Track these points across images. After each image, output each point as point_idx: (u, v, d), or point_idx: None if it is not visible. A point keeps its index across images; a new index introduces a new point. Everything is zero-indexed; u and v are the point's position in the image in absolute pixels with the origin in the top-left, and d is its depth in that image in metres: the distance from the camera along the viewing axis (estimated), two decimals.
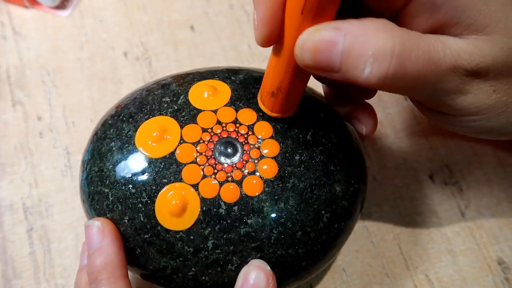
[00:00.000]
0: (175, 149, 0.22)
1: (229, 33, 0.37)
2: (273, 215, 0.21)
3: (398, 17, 0.20)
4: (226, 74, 0.25)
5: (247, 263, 0.21)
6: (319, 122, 0.24)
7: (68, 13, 0.37)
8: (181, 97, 0.24)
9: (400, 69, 0.17)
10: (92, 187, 0.23)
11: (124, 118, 0.24)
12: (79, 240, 0.30)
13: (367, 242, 0.31)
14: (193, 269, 0.21)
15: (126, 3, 0.37)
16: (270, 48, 0.20)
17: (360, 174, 0.24)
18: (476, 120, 0.20)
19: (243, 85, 0.24)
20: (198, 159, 0.22)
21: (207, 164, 0.22)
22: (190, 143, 0.22)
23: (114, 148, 0.23)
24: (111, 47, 0.36)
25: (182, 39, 0.36)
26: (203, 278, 0.22)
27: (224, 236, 0.21)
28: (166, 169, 0.22)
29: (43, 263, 0.30)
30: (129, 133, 0.23)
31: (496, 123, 0.20)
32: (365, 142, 0.33)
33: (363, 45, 0.16)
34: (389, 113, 0.34)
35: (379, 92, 0.34)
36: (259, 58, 0.35)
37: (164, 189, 0.21)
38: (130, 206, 0.22)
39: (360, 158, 0.25)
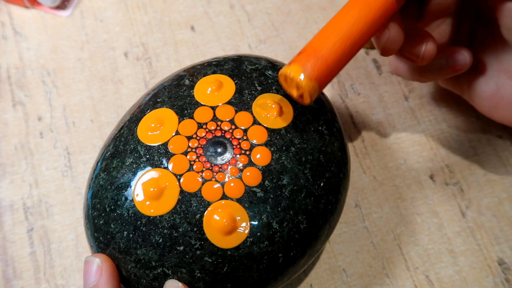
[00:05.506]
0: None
1: (230, 33, 0.36)
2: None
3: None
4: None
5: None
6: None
7: (69, 13, 0.37)
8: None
9: None
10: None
11: None
12: (79, 240, 0.30)
13: (367, 243, 0.30)
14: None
15: (126, 3, 0.37)
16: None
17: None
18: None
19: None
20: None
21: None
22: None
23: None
24: (112, 47, 0.36)
25: (182, 39, 0.36)
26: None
27: None
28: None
29: (43, 263, 0.30)
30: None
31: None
32: (366, 143, 0.33)
33: None
34: (390, 113, 0.34)
35: (379, 91, 0.34)
36: None
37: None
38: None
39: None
